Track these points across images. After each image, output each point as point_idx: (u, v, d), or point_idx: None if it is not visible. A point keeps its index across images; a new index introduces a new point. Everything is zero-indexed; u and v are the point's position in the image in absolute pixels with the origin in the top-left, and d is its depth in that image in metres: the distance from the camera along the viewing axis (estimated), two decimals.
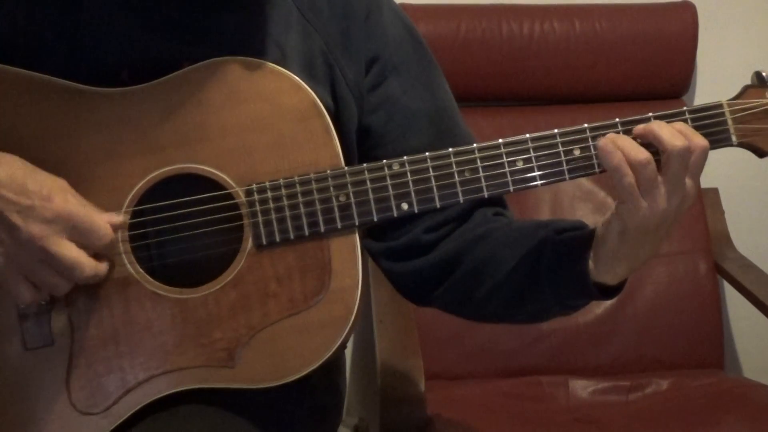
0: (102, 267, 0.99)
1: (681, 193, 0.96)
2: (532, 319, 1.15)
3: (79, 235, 0.96)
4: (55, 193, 0.96)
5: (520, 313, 1.12)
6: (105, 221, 0.98)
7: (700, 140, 0.96)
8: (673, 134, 0.95)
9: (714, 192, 2.14)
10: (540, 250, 1.06)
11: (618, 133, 0.99)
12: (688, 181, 0.96)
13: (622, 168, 0.94)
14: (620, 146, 0.95)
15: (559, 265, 1.04)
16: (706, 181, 2.09)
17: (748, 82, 1.03)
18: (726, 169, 2.08)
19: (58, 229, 0.95)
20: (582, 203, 2.01)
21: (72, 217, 0.96)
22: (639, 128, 0.97)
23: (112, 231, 0.99)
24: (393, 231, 1.14)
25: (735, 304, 2.16)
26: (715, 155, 1.04)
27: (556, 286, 1.05)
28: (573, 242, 1.04)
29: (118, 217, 1.00)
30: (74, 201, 0.97)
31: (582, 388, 1.84)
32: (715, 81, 2.19)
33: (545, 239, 1.06)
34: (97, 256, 0.99)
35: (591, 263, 1.01)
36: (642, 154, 0.94)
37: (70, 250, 0.96)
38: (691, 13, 2.07)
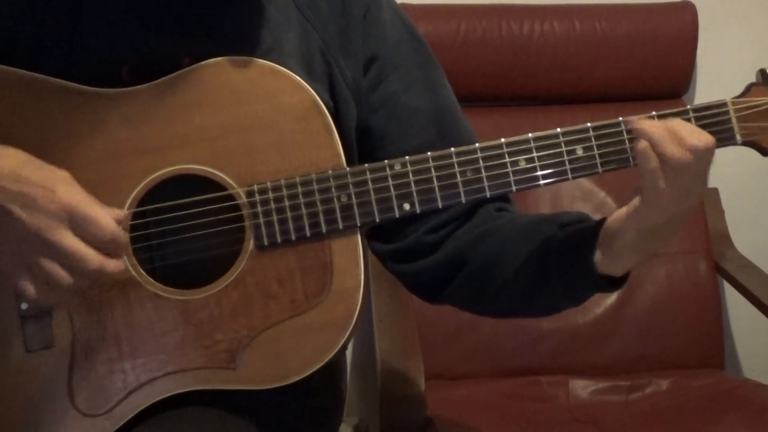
0: (108, 262, 0.95)
1: (699, 190, 0.96)
2: (544, 312, 1.14)
3: (82, 227, 0.94)
4: (59, 185, 0.95)
5: (532, 306, 1.12)
6: (108, 214, 0.96)
7: (707, 138, 0.95)
8: (694, 132, 0.94)
9: (714, 192, 2.14)
10: (546, 247, 1.05)
11: (622, 130, 0.99)
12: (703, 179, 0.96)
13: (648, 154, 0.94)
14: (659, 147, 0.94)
15: (565, 261, 1.03)
16: None
17: (749, 81, 1.03)
18: (726, 169, 2.08)
19: (60, 220, 0.93)
20: (582, 203, 2.01)
21: (75, 208, 0.94)
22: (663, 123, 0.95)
23: (116, 225, 0.96)
24: (397, 233, 1.14)
25: (735, 304, 2.16)
26: (715, 155, 1.03)
27: (564, 280, 1.04)
28: (578, 237, 1.03)
29: (122, 213, 0.99)
30: (78, 193, 0.95)
31: (582, 388, 1.84)
32: (715, 81, 2.19)
33: (551, 235, 1.06)
34: (110, 255, 0.96)
35: (597, 256, 1.00)
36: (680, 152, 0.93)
37: (72, 241, 0.94)
38: (691, 13, 2.07)
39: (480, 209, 1.13)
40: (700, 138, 0.93)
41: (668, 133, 0.93)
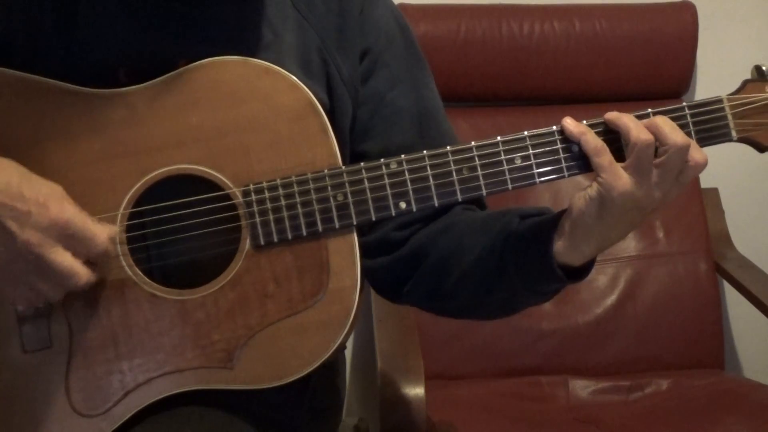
0: (96, 276, 0.99)
1: (667, 188, 0.96)
2: (503, 309, 1.13)
3: (75, 243, 0.96)
4: (52, 200, 0.95)
5: (490, 302, 1.11)
6: (101, 229, 0.98)
7: (700, 155, 0.96)
8: (675, 129, 0.95)
9: (714, 192, 2.14)
10: (505, 235, 1.05)
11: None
12: (676, 183, 0.96)
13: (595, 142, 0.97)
14: (623, 122, 0.96)
15: (524, 248, 1.03)
16: (706, 181, 2.09)
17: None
18: (726, 169, 2.08)
19: (53, 236, 0.94)
20: None
21: (68, 224, 0.95)
22: (646, 121, 0.97)
23: (108, 238, 0.98)
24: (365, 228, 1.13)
25: (735, 304, 2.16)
26: (715, 155, 1.03)
27: (523, 270, 1.04)
28: (539, 226, 1.03)
29: (114, 228, 1.00)
30: (70, 209, 0.96)
31: (582, 388, 1.84)
32: (715, 81, 2.18)
33: (510, 224, 1.05)
34: (89, 263, 0.98)
35: (557, 243, 1.00)
36: (646, 134, 0.94)
37: (65, 259, 0.95)
38: (691, 12, 2.08)
39: (450, 210, 1.14)
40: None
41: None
